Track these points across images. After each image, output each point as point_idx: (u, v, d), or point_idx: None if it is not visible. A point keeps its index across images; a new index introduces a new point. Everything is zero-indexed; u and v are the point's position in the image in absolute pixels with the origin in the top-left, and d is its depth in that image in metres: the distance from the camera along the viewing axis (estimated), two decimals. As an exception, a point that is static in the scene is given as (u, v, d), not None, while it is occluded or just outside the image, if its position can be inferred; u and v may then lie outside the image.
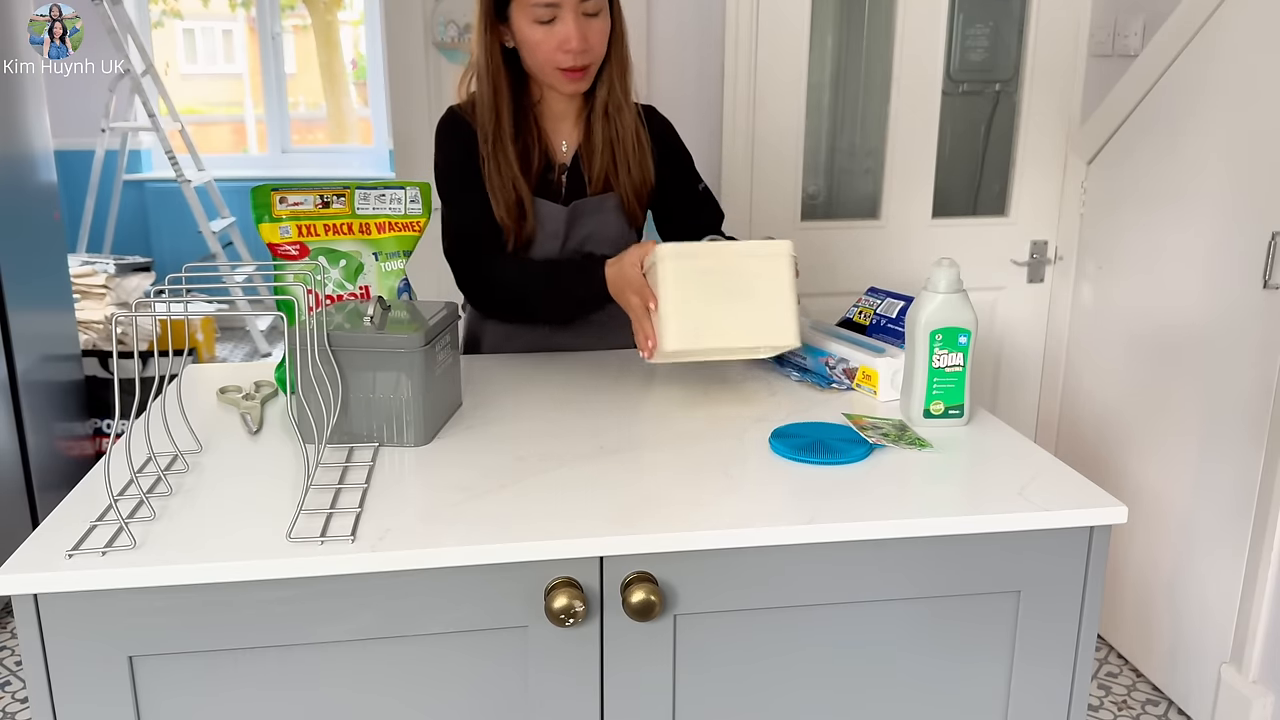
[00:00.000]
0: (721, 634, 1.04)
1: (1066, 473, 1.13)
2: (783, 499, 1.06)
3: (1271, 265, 1.86)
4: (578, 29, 1.44)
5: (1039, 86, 2.46)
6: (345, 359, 1.16)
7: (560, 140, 1.60)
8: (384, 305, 1.23)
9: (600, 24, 1.47)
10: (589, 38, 1.46)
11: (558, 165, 1.59)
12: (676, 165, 1.65)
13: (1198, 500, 2.08)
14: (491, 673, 1.01)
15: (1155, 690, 2.25)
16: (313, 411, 1.13)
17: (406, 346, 1.15)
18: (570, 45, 1.45)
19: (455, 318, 1.30)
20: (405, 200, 1.42)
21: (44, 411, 2.64)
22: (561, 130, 1.60)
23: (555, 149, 1.60)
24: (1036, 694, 1.11)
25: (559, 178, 1.59)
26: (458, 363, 1.32)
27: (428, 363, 1.18)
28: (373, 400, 1.17)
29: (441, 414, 1.26)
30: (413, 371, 1.16)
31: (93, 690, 0.94)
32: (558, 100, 1.57)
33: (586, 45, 1.46)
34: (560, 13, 1.44)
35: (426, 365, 1.18)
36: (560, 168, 1.59)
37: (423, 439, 1.19)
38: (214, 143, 5.88)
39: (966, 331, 1.25)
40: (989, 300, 2.55)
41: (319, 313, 1.21)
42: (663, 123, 1.66)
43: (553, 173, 1.59)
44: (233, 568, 0.92)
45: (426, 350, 1.17)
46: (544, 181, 1.58)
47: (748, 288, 1.30)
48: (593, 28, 1.46)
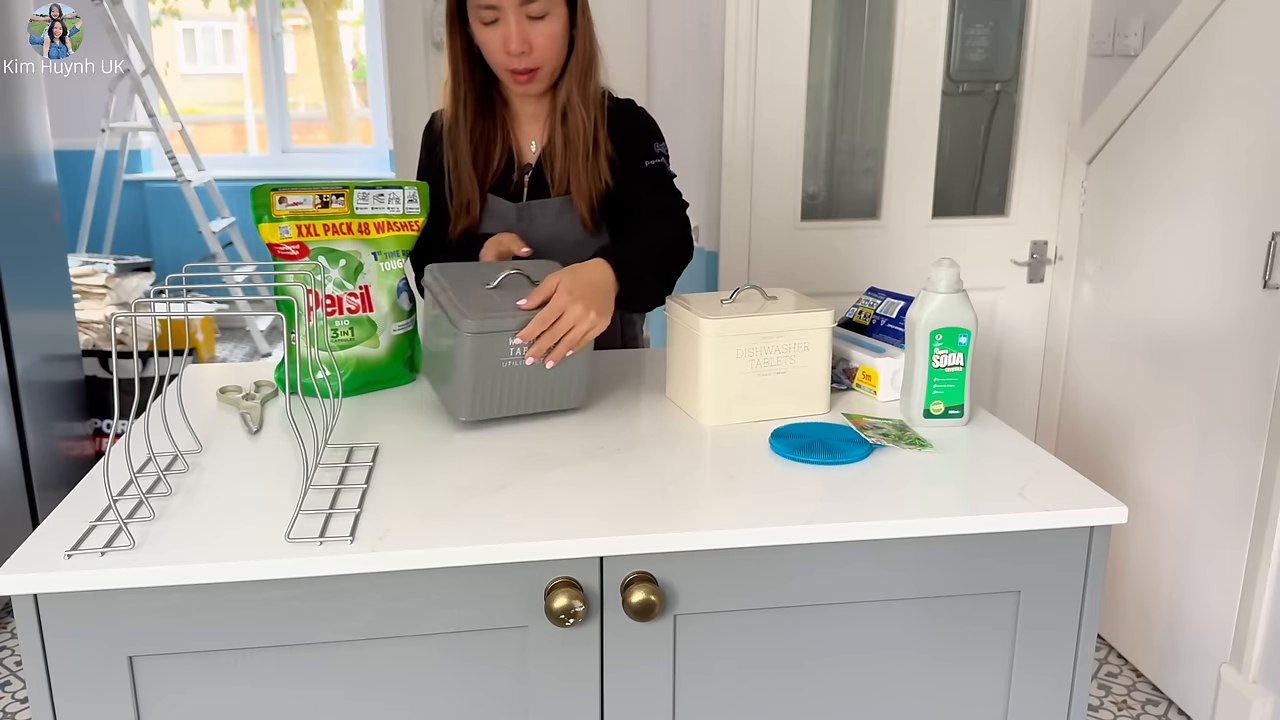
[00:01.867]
0: (721, 634, 1.04)
1: (1066, 473, 1.13)
2: (783, 499, 1.06)
3: (1271, 265, 1.86)
4: (518, 30, 1.44)
5: (1039, 86, 2.46)
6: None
7: (529, 141, 1.60)
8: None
9: (546, 26, 1.46)
10: (532, 40, 1.45)
11: (521, 165, 1.60)
12: (632, 146, 1.59)
13: (1198, 500, 2.08)
14: (491, 673, 1.01)
15: (1155, 690, 2.25)
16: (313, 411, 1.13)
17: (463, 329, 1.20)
18: (510, 46, 1.45)
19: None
20: (404, 200, 1.42)
21: (44, 411, 2.64)
22: (531, 131, 1.60)
23: (523, 149, 1.61)
24: (1036, 694, 1.11)
25: (520, 178, 1.59)
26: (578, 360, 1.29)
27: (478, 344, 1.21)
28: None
29: (501, 398, 1.26)
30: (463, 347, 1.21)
31: (93, 690, 0.94)
32: (525, 101, 1.58)
33: (528, 47, 1.45)
34: (502, 14, 1.44)
35: (476, 346, 1.21)
36: (524, 168, 1.59)
37: (470, 413, 1.24)
38: (214, 143, 5.88)
39: (966, 331, 1.25)
40: (989, 300, 2.55)
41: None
42: (635, 113, 1.62)
43: (515, 172, 1.59)
44: (232, 568, 0.92)
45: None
46: (505, 180, 1.58)
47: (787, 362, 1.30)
48: (537, 30, 1.46)
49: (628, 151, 1.58)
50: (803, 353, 1.29)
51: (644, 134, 1.60)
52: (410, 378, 1.47)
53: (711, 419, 1.28)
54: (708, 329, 1.26)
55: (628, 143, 1.58)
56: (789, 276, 2.41)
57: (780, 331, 1.28)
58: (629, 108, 1.62)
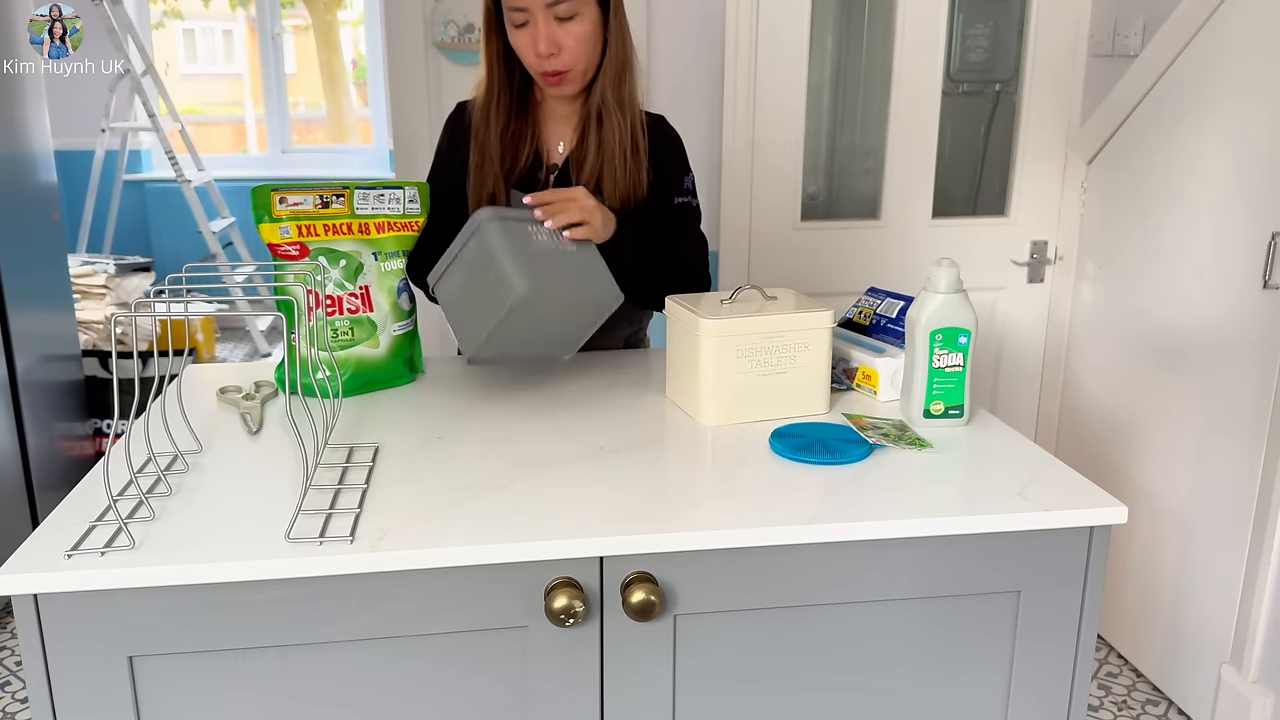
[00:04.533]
0: (721, 634, 1.04)
1: (1066, 473, 1.13)
2: (783, 499, 1.06)
3: (1271, 265, 1.86)
4: (546, 32, 1.44)
5: (1039, 86, 2.46)
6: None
7: (558, 142, 1.61)
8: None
9: (576, 27, 1.46)
10: (560, 41, 1.45)
11: (548, 166, 1.60)
12: (665, 175, 1.61)
13: (1198, 500, 2.08)
14: (491, 673, 1.01)
15: (1155, 690, 2.25)
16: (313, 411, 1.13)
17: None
18: (539, 49, 1.45)
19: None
20: (404, 200, 1.42)
21: (44, 411, 2.64)
22: (561, 132, 1.61)
23: (551, 150, 1.61)
24: (1036, 694, 1.11)
25: (546, 177, 1.59)
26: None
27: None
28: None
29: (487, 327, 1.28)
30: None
31: (93, 690, 0.94)
32: (558, 102, 1.58)
33: (556, 49, 1.45)
34: (531, 16, 1.45)
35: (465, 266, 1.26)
36: (551, 168, 1.59)
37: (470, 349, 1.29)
38: (214, 143, 5.88)
39: (966, 331, 1.25)
40: (989, 300, 2.55)
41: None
42: (669, 135, 1.63)
43: (541, 172, 1.59)
44: (232, 568, 0.92)
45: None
46: (530, 179, 1.58)
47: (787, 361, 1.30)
48: (566, 31, 1.46)
49: (657, 177, 1.59)
50: (803, 353, 1.29)
51: (674, 163, 1.61)
52: (410, 378, 1.47)
53: (711, 419, 1.28)
54: (708, 329, 1.26)
55: (659, 167, 1.59)
56: (789, 276, 2.41)
57: (780, 331, 1.28)
58: (661, 126, 1.62)
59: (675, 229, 1.61)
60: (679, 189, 1.61)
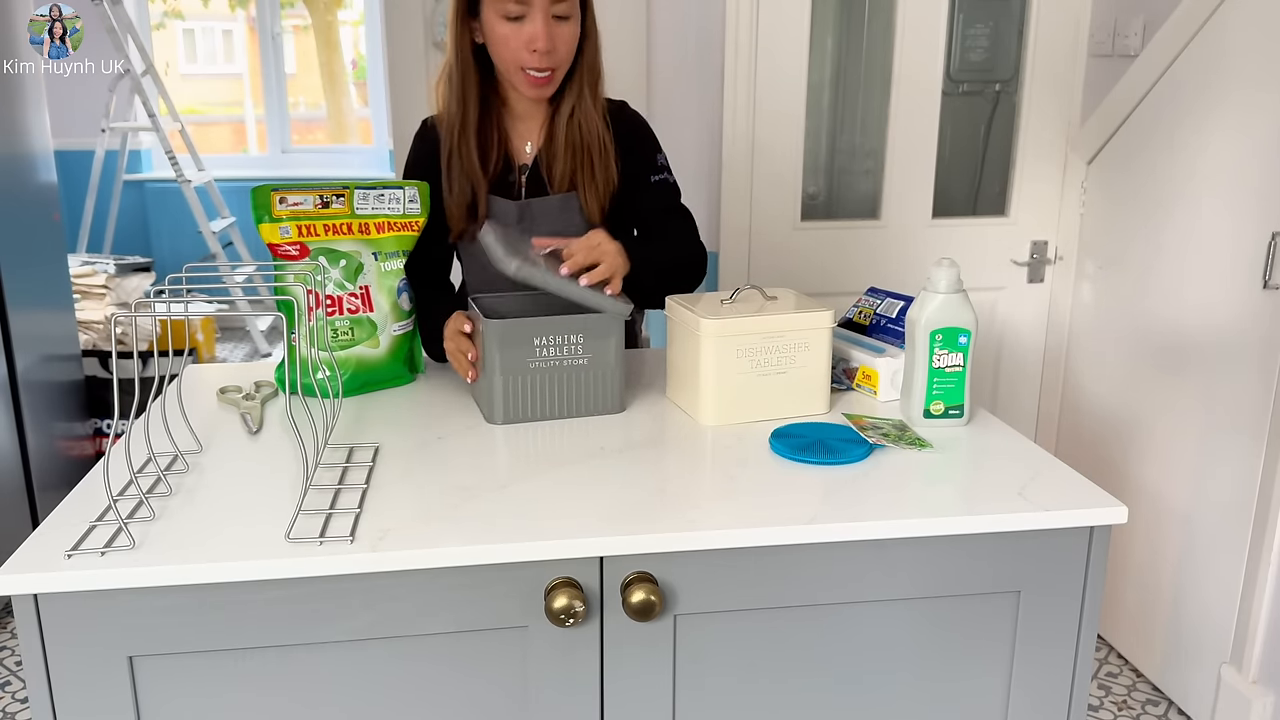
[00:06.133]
0: (721, 634, 1.04)
1: (1066, 473, 1.13)
2: (783, 499, 1.06)
3: (1271, 265, 1.86)
4: (545, 29, 1.43)
5: (1039, 86, 2.46)
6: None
7: (524, 141, 1.59)
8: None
9: (569, 29, 1.46)
10: (556, 41, 1.45)
11: (518, 166, 1.58)
12: (636, 157, 1.60)
13: (1198, 500, 2.08)
14: (491, 673, 1.01)
15: (1155, 690, 2.25)
16: (313, 411, 1.13)
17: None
18: (537, 45, 1.43)
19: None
20: (404, 200, 1.42)
21: (44, 411, 2.64)
22: (525, 131, 1.58)
23: (518, 150, 1.59)
24: (1036, 694, 1.11)
25: (519, 178, 1.58)
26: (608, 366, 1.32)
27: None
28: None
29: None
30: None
31: (93, 690, 0.94)
32: (522, 101, 1.55)
33: (552, 47, 1.44)
34: (530, 11, 1.43)
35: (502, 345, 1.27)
36: (521, 168, 1.58)
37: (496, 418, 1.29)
38: (214, 143, 5.88)
39: (966, 331, 1.25)
40: (989, 300, 2.55)
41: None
42: (631, 118, 1.62)
43: (512, 173, 1.58)
44: (232, 568, 0.92)
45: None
46: (503, 182, 1.57)
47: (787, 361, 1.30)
48: (561, 31, 1.45)
49: (628, 161, 1.58)
50: (803, 353, 1.29)
51: (643, 145, 1.61)
52: (410, 378, 1.47)
53: (711, 419, 1.28)
54: (708, 329, 1.26)
55: (628, 152, 1.58)
56: (789, 276, 2.41)
57: (780, 331, 1.28)
58: (624, 111, 1.62)
59: (662, 211, 1.60)
60: (654, 168, 1.61)
